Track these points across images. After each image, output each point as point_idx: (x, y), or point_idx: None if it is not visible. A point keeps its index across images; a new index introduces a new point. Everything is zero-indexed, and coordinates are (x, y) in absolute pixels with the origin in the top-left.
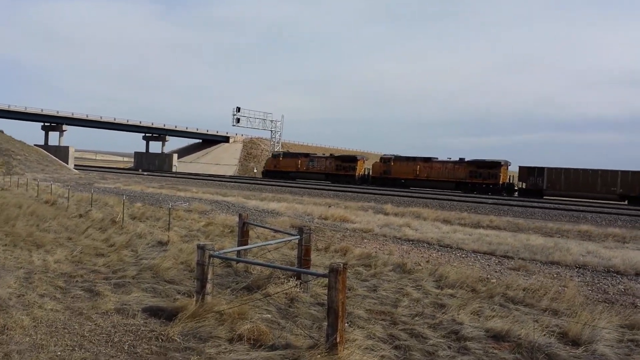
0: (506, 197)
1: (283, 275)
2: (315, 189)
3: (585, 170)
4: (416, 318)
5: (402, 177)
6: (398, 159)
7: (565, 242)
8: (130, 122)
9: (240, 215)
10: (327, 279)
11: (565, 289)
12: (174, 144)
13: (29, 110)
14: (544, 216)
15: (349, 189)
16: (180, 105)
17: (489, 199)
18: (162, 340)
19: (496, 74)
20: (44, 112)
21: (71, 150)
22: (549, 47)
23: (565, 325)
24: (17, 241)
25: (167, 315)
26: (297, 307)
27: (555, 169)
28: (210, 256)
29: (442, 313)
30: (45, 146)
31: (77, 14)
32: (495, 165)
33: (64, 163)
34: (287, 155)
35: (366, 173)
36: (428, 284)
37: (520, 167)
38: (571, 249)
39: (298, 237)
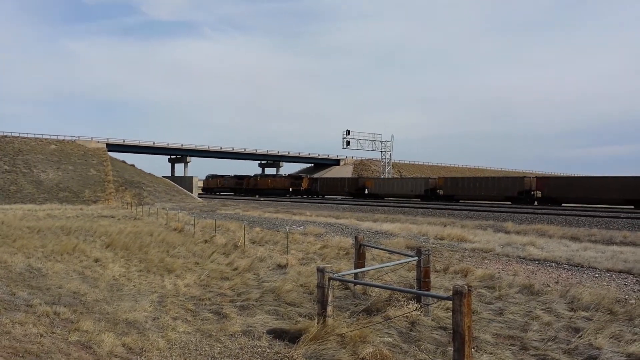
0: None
1: (402, 297)
2: (429, 208)
3: (334, 179)
4: (549, 343)
5: (262, 188)
6: (262, 176)
7: None
8: (247, 151)
9: (356, 238)
10: (450, 301)
11: None
12: (287, 169)
13: (156, 145)
14: None
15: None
16: (292, 132)
17: (621, 212)
18: None
19: (624, 77)
20: (170, 146)
21: (195, 180)
22: None
23: None
24: (150, 267)
25: (290, 337)
26: (418, 331)
27: (322, 178)
28: (330, 279)
29: (578, 337)
30: (172, 177)
31: (199, 51)
32: (300, 178)
33: (188, 192)
34: (215, 176)
35: (250, 186)
36: (559, 306)
37: (308, 178)
38: None
39: (416, 258)
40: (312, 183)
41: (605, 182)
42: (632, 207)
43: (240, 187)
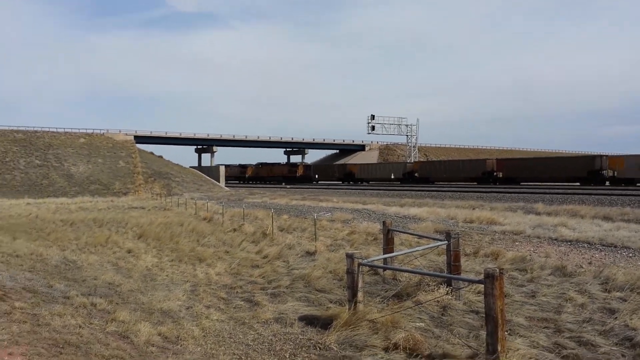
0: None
1: (432, 282)
2: (456, 191)
3: (326, 165)
4: (583, 325)
5: (263, 175)
6: (264, 165)
7: None
8: (272, 139)
9: (384, 223)
10: (482, 285)
11: None
12: (312, 156)
13: (183, 135)
14: None
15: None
16: (316, 119)
17: None
18: (319, 348)
19: None
20: (197, 136)
21: (222, 169)
22: None
23: None
24: (181, 256)
25: (322, 323)
26: (450, 315)
27: (315, 165)
28: (360, 264)
29: (613, 318)
30: (199, 167)
31: (219, 43)
32: (296, 166)
33: (216, 182)
34: (232, 166)
35: (251, 174)
36: (593, 287)
37: (303, 165)
38: None
39: (446, 242)
40: (306, 170)
41: (553, 162)
42: (578, 183)
43: (243, 175)
